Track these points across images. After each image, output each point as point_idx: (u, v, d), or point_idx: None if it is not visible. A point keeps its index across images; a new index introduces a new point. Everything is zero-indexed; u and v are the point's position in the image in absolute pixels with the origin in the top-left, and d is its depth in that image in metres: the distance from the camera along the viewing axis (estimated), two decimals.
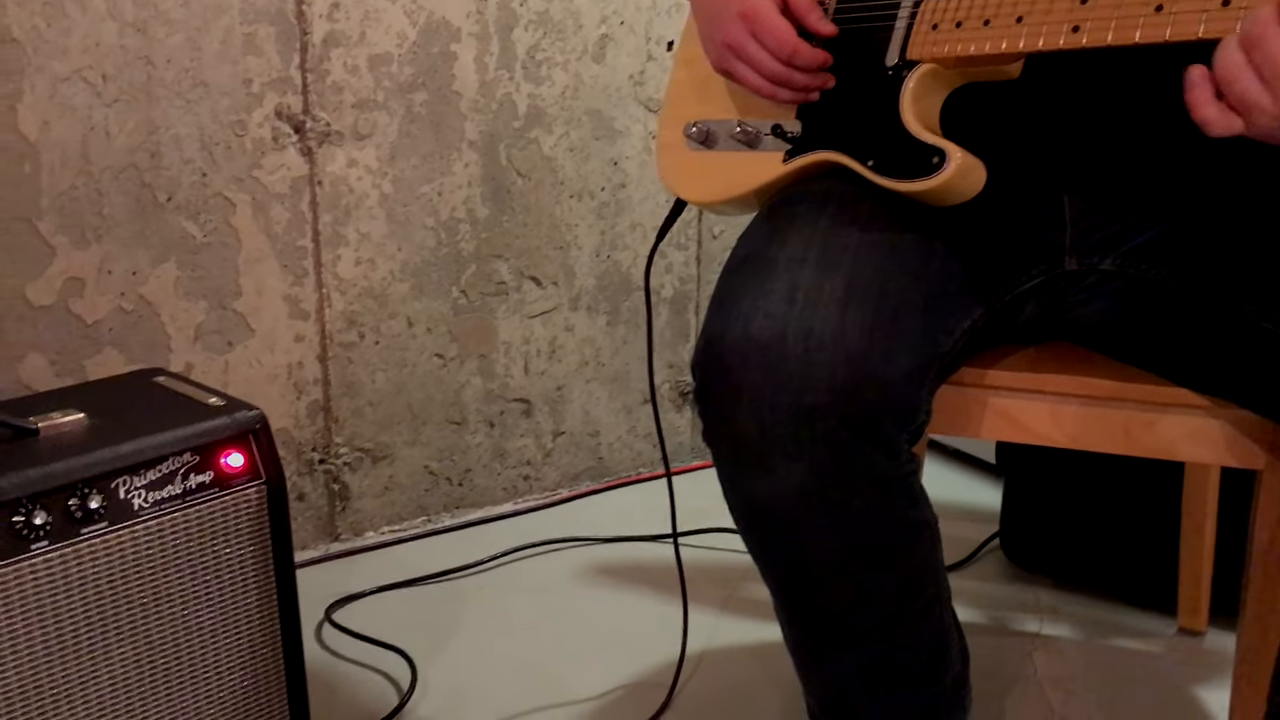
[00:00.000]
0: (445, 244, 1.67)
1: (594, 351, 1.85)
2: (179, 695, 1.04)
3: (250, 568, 1.07)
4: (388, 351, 1.67)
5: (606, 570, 1.64)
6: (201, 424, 1.04)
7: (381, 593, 1.57)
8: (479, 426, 1.77)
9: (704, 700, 1.34)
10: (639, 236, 1.83)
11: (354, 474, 1.69)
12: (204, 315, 1.52)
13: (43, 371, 1.42)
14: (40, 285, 1.40)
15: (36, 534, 0.93)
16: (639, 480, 1.93)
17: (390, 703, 1.33)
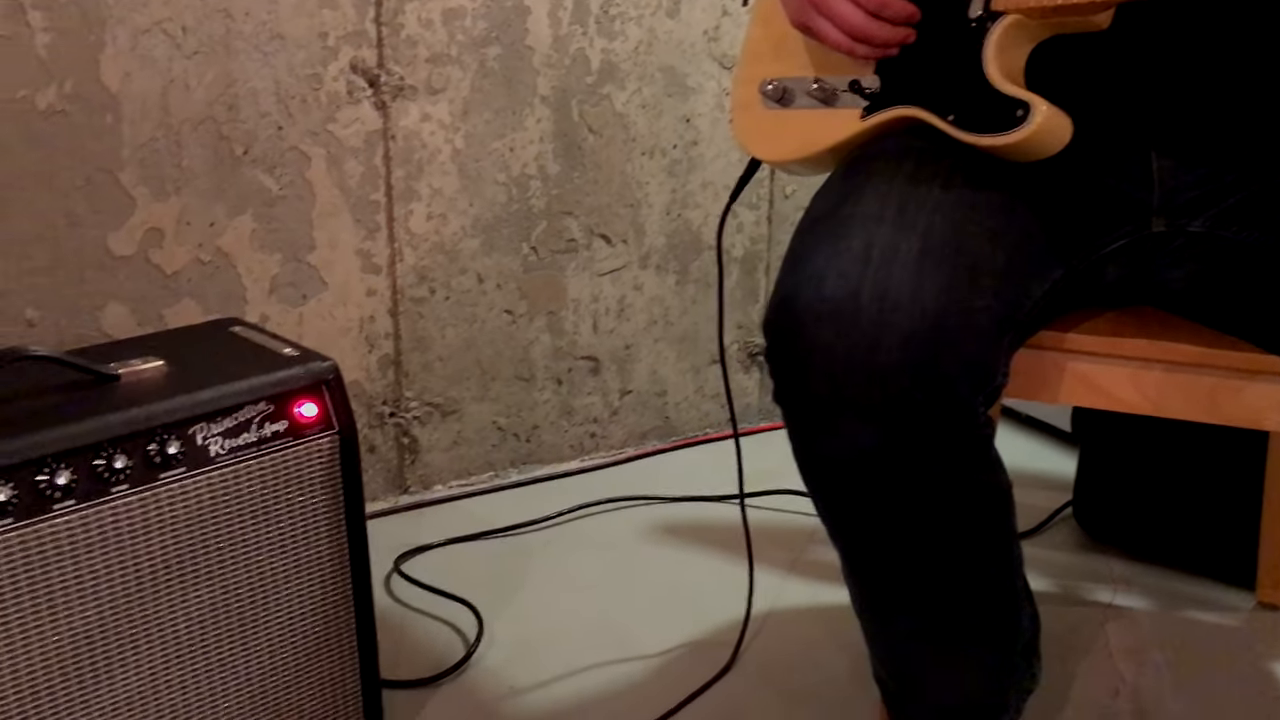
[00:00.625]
0: (516, 200, 1.67)
1: (663, 311, 1.84)
2: (253, 638, 1.06)
3: (322, 516, 1.09)
4: (458, 307, 1.68)
5: (672, 529, 1.65)
6: (276, 373, 1.05)
7: (449, 545, 1.59)
8: (547, 383, 1.78)
9: (768, 660, 1.34)
10: (710, 195, 1.81)
11: (423, 428, 1.71)
12: (279, 268, 1.53)
13: (123, 320, 1.45)
14: (121, 236, 1.42)
15: (117, 478, 0.95)
16: (705, 440, 1.93)
17: (457, 653, 1.35)
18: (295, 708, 1.10)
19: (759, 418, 1.98)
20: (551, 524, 1.65)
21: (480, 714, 1.25)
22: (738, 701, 1.27)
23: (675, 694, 1.26)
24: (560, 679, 1.31)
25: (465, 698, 1.28)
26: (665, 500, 1.72)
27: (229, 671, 1.05)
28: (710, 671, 1.31)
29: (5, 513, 0.89)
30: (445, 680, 1.30)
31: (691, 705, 1.26)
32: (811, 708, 1.25)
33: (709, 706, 1.26)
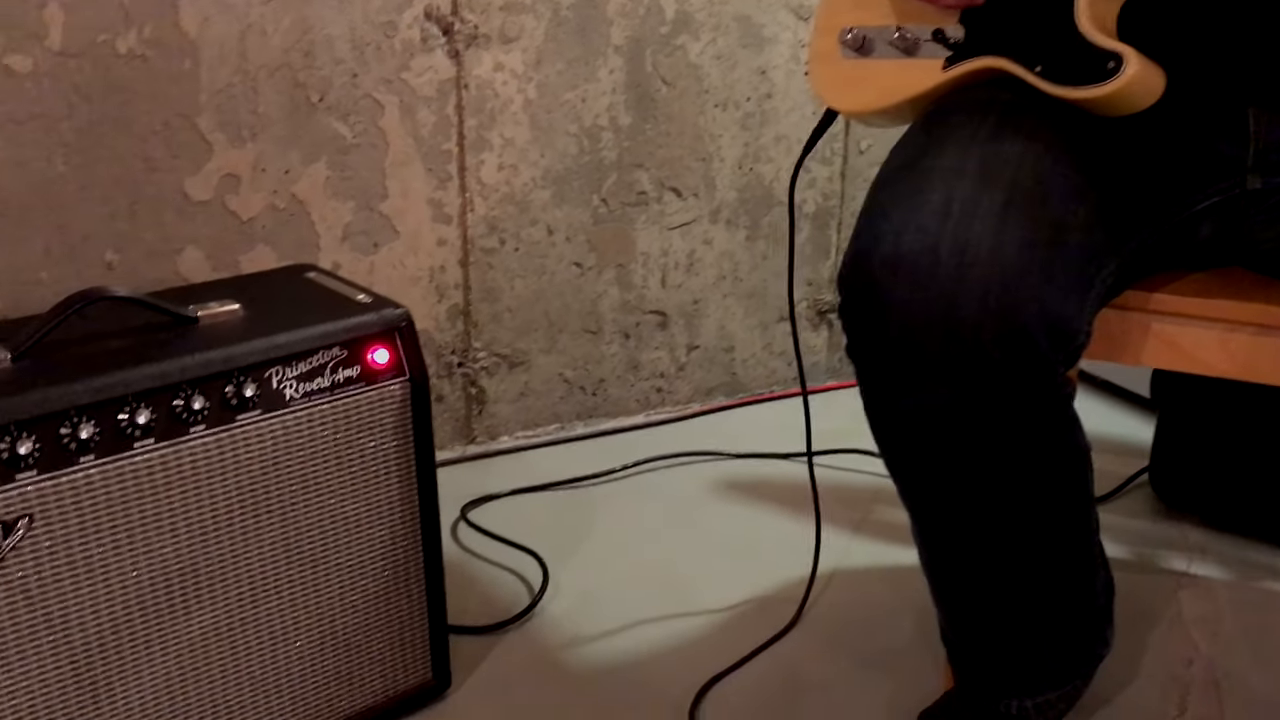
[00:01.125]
0: (587, 152, 1.66)
1: (732, 266, 1.82)
2: (324, 580, 1.07)
3: (393, 462, 1.10)
4: (527, 258, 1.68)
5: (737, 485, 1.64)
6: (350, 319, 1.06)
7: (515, 496, 1.60)
8: (614, 337, 1.78)
9: (833, 618, 1.33)
10: (783, 149, 1.79)
11: (491, 379, 1.71)
12: (351, 216, 1.54)
13: (199, 265, 1.47)
14: (199, 181, 1.44)
15: (195, 418, 0.96)
16: (771, 398, 1.92)
17: (521, 601, 1.36)
18: (364, 649, 1.12)
19: (826, 376, 1.96)
20: (617, 477, 1.66)
21: (544, 662, 1.26)
22: (801, 659, 1.27)
23: (738, 649, 1.27)
24: (623, 630, 1.31)
25: (529, 645, 1.29)
26: (731, 456, 1.71)
27: (300, 611, 1.07)
28: (774, 628, 1.31)
29: (87, 449, 0.91)
30: (510, 627, 1.31)
31: (755, 661, 1.26)
32: (876, 667, 1.25)
33: (772, 663, 1.26)
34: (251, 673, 1.05)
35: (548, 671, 1.25)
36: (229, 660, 1.03)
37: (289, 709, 1.08)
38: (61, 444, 0.90)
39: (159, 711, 0.99)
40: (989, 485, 0.92)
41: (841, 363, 1.96)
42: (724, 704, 1.19)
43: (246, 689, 1.05)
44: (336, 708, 1.11)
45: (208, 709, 1.02)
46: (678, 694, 1.20)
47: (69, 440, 0.90)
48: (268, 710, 1.06)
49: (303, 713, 1.09)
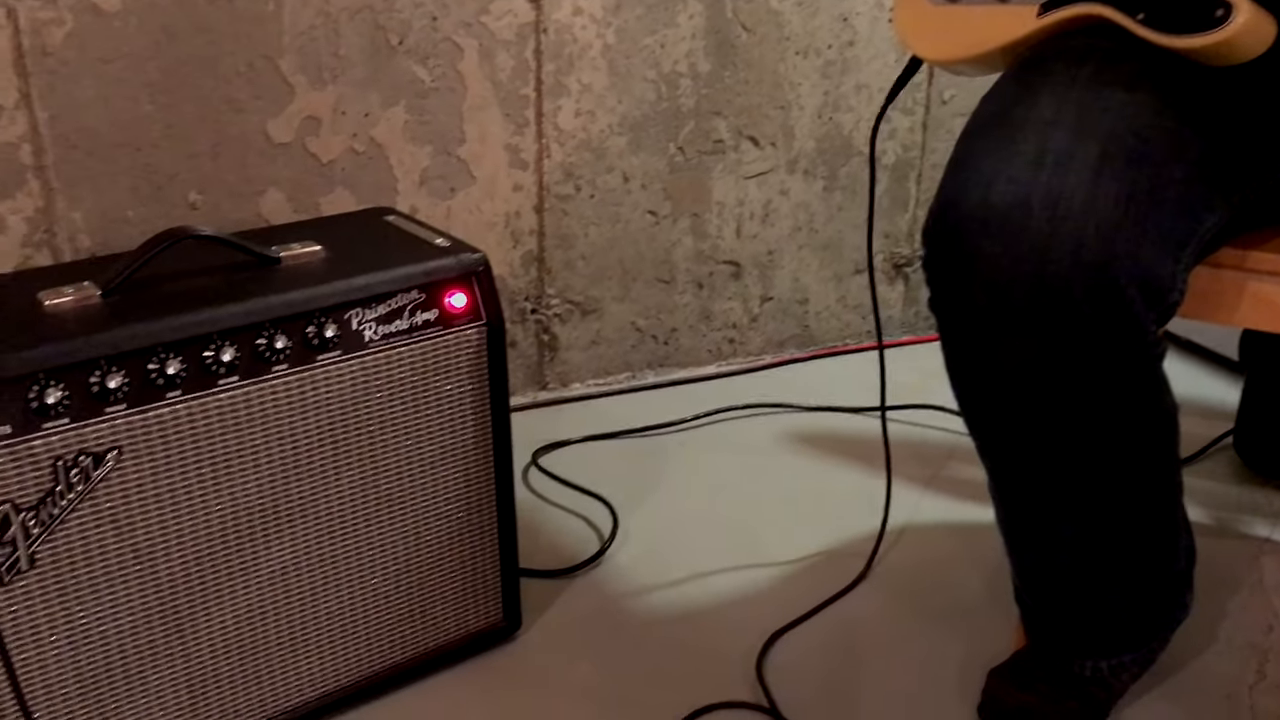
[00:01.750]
0: (665, 99, 1.65)
1: (808, 217, 1.80)
2: (399, 520, 1.09)
3: (468, 405, 1.11)
4: (602, 206, 1.67)
5: (807, 438, 1.63)
6: (428, 263, 1.06)
7: (586, 443, 1.61)
8: (687, 286, 1.77)
9: (903, 573, 1.33)
10: (864, 99, 1.75)
11: (563, 325, 1.72)
12: (429, 160, 1.55)
13: (280, 207, 1.48)
14: (280, 123, 1.45)
15: (277, 357, 0.98)
16: (844, 351, 1.90)
17: (591, 547, 1.37)
18: (437, 590, 1.14)
19: (900, 331, 1.94)
20: (687, 427, 1.66)
21: (612, 608, 1.27)
22: (870, 613, 1.26)
23: (806, 602, 1.26)
24: (691, 579, 1.32)
25: (598, 591, 1.30)
26: (802, 409, 1.70)
27: (376, 550, 1.08)
28: (842, 582, 1.30)
29: (174, 385, 0.93)
30: (580, 573, 1.33)
31: (823, 613, 1.26)
32: (945, 624, 1.24)
33: (840, 616, 1.26)
34: (328, 608, 1.07)
35: (616, 617, 1.26)
36: (306, 596, 1.05)
37: (363, 645, 1.10)
38: (149, 379, 0.92)
39: (239, 643, 1.02)
40: (1072, 444, 0.90)
41: (916, 317, 1.93)
42: (791, 656, 1.19)
43: (323, 624, 1.07)
44: (410, 645, 1.13)
45: (285, 643, 1.05)
46: (745, 645, 1.20)
47: (157, 376, 0.92)
48: (343, 646, 1.09)
49: (377, 649, 1.11)
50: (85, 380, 0.89)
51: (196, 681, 1.00)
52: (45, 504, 0.89)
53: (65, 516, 0.90)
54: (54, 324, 0.91)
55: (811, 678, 1.16)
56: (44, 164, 1.36)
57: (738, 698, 1.13)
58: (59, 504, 0.89)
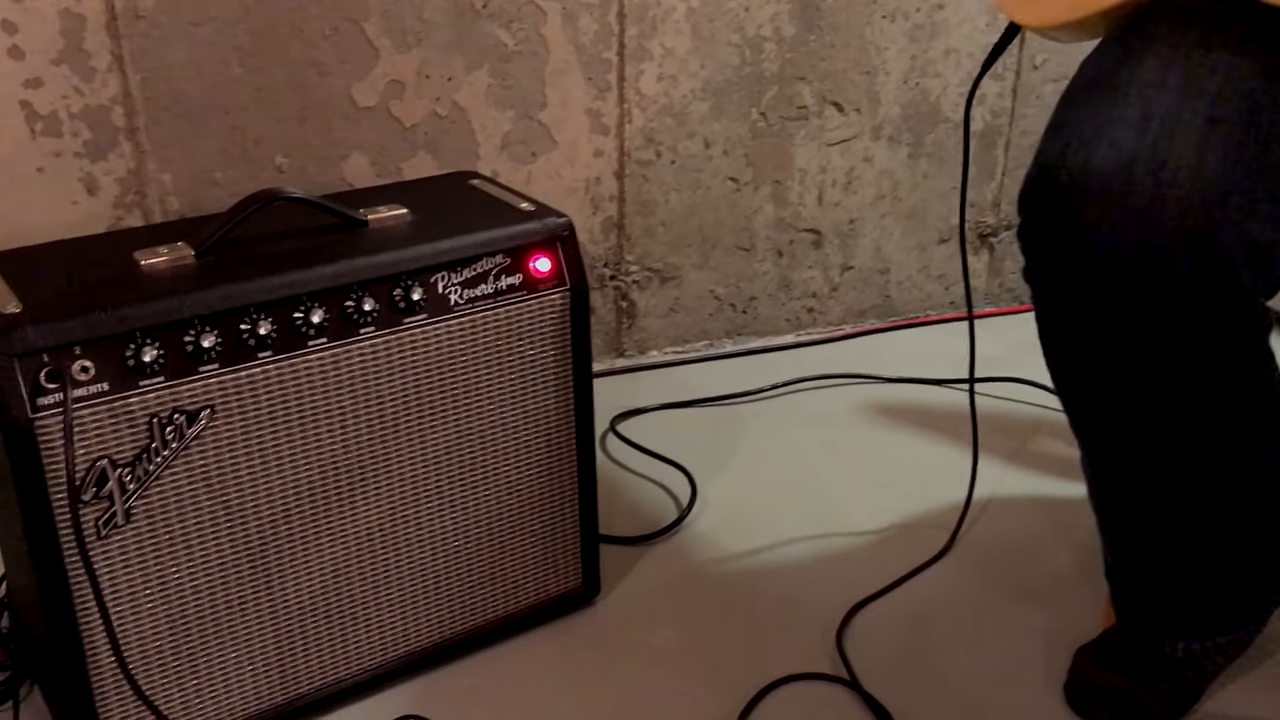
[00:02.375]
0: (749, 63, 1.62)
1: (891, 185, 1.77)
2: (482, 483, 1.10)
3: (551, 370, 1.11)
4: (683, 172, 1.66)
5: (888, 410, 1.61)
6: (514, 227, 1.06)
7: (663, 410, 1.60)
8: (767, 255, 1.75)
9: (987, 548, 1.31)
10: (952, 64, 1.71)
11: (642, 292, 1.71)
12: (511, 125, 1.54)
13: (363, 170, 1.49)
14: (365, 87, 1.45)
15: (365, 319, 0.98)
16: (925, 322, 1.87)
17: (669, 514, 1.37)
18: (518, 553, 1.14)
19: (984, 302, 1.90)
20: (766, 396, 1.64)
21: (691, 575, 1.27)
22: (953, 587, 1.25)
23: (888, 574, 1.25)
24: (771, 549, 1.31)
25: (677, 558, 1.30)
26: (884, 380, 1.68)
27: (459, 513, 1.09)
28: (925, 555, 1.29)
29: (265, 345, 0.94)
30: (658, 540, 1.32)
31: (905, 586, 1.24)
32: (1031, 601, 1.22)
33: (922, 589, 1.24)
34: (411, 569, 1.08)
35: (695, 585, 1.25)
36: (390, 556, 1.06)
37: (444, 607, 1.11)
38: (241, 339, 0.93)
39: (325, 601, 1.04)
40: (1172, 418, 0.87)
41: (1000, 288, 1.90)
42: (872, 628, 1.18)
43: (407, 585, 1.08)
44: (490, 608, 1.14)
45: (370, 602, 1.06)
46: (825, 615, 1.19)
47: (248, 336, 0.93)
48: (425, 607, 1.10)
49: (458, 611, 1.12)
50: (180, 339, 0.90)
51: (284, 637, 1.02)
52: (141, 460, 0.90)
53: (160, 473, 0.92)
54: (150, 283, 0.92)
55: (893, 651, 1.15)
56: (136, 126, 1.38)
57: (818, 669, 1.12)
58: (154, 460, 0.91)
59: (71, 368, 0.86)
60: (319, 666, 1.05)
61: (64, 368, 0.86)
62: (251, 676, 1.02)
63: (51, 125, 1.36)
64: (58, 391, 0.86)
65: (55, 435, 0.86)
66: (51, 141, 1.36)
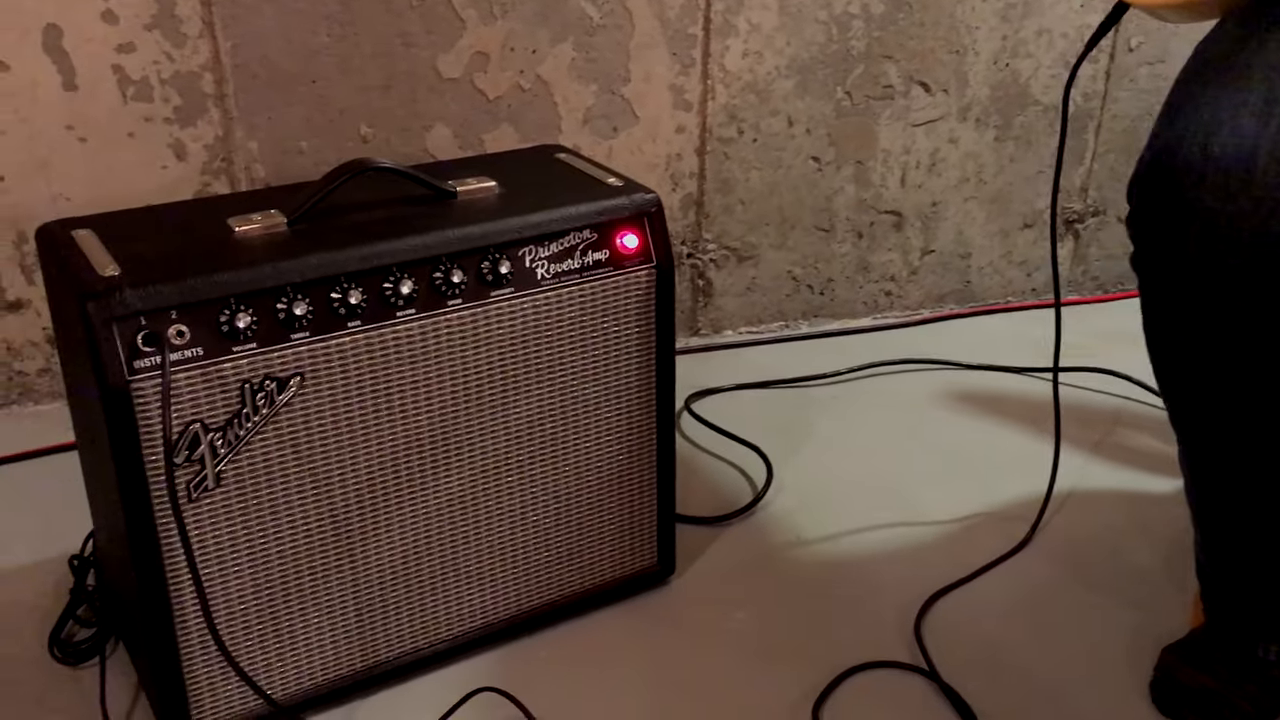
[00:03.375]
0: (835, 41, 1.60)
1: (976, 168, 1.74)
2: (562, 459, 1.09)
3: (634, 348, 1.10)
4: (764, 150, 1.64)
5: (967, 396, 1.59)
6: (602, 202, 1.05)
7: (738, 390, 1.59)
8: (846, 236, 1.73)
9: (1068, 541, 1.28)
10: (1044, 44, 1.67)
11: (719, 271, 1.70)
12: (593, 99, 1.53)
13: (446, 142, 1.49)
14: (450, 58, 1.45)
15: (453, 291, 0.98)
16: (1004, 309, 1.84)
17: (743, 496, 1.36)
18: (595, 530, 1.14)
19: (1067, 290, 1.86)
20: (842, 379, 1.62)
21: (766, 558, 1.26)
22: (1034, 579, 1.22)
23: (967, 563, 1.23)
24: (848, 534, 1.30)
25: (751, 540, 1.29)
26: (962, 366, 1.65)
27: (538, 488, 1.09)
28: (1005, 546, 1.26)
29: (355, 315, 0.94)
30: (733, 521, 1.31)
31: (984, 577, 1.22)
32: (1114, 596, 1.19)
33: (1003, 580, 1.22)
34: (490, 542, 1.08)
35: (770, 567, 1.24)
36: (470, 529, 1.06)
37: (522, 581, 1.11)
38: (332, 308, 0.93)
39: (405, 571, 1.04)
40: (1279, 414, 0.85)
41: (1084, 276, 1.85)
42: (950, 619, 1.16)
43: (485, 558, 1.08)
44: (566, 583, 1.14)
45: (449, 573, 1.06)
46: (903, 603, 1.18)
47: (339, 305, 0.93)
48: (502, 580, 1.10)
49: (534, 585, 1.12)
50: (273, 306, 0.91)
51: (364, 605, 1.03)
52: (232, 425, 0.91)
53: (249, 439, 0.92)
54: (245, 250, 0.93)
55: (971, 642, 1.13)
56: (225, 93, 1.39)
57: (895, 657, 1.11)
58: (244, 426, 0.92)
59: (168, 332, 0.87)
60: (397, 635, 1.06)
61: (161, 332, 0.87)
62: (332, 642, 1.02)
63: (143, 90, 1.37)
64: (154, 355, 0.87)
65: (150, 398, 0.87)
66: (142, 106, 1.38)
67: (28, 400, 1.50)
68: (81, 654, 1.09)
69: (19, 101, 1.35)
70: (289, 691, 1.02)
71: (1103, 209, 1.80)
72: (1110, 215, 1.81)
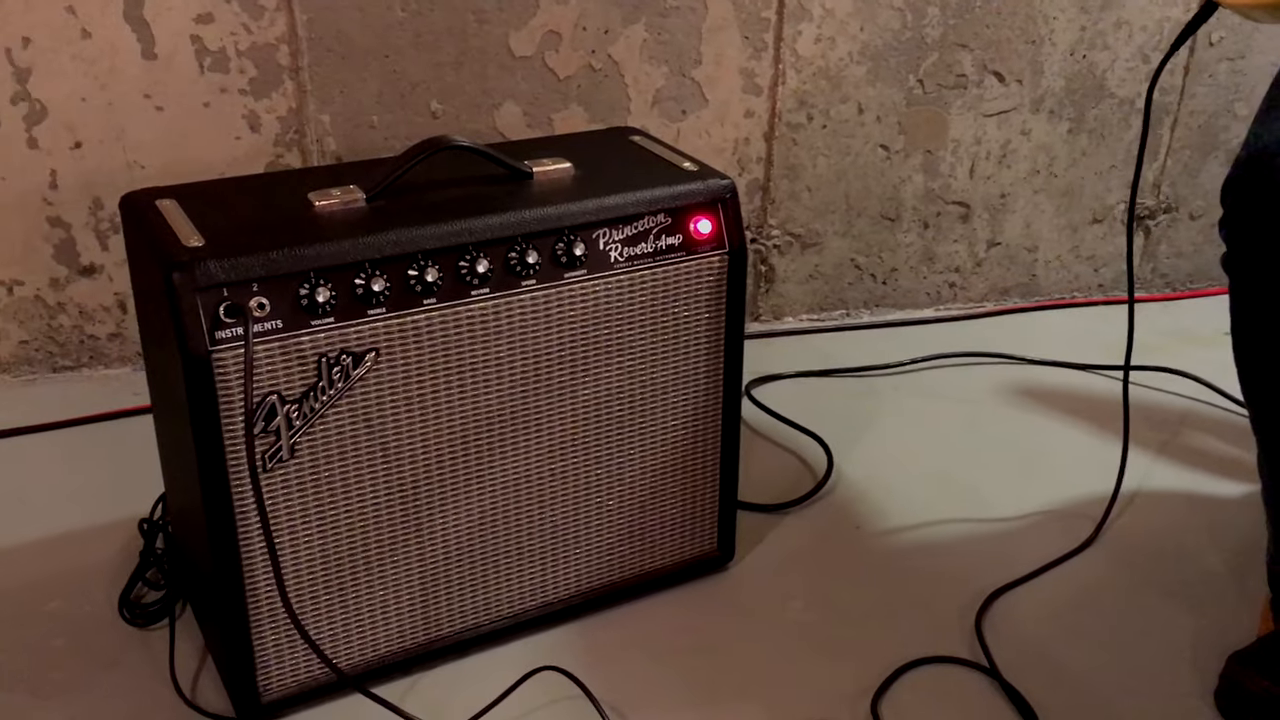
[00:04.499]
0: (910, 28, 1.58)
1: (1048, 160, 1.71)
2: (628, 442, 1.09)
3: (703, 333, 1.10)
4: (833, 137, 1.62)
5: (1030, 392, 1.57)
6: (677, 187, 1.05)
7: (799, 378, 1.58)
8: (912, 226, 1.71)
9: (1134, 542, 1.26)
10: (1123, 37, 1.64)
11: (782, 257, 1.69)
12: (663, 81, 1.53)
13: (515, 120, 1.49)
14: (523, 36, 1.45)
15: (527, 272, 0.98)
16: (1070, 304, 1.81)
17: (803, 484, 1.35)
18: (657, 513, 1.14)
19: (1136, 287, 1.83)
20: (904, 370, 1.61)
21: (826, 547, 1.25)
22: (1098, 579, 1.21)
23: (1029, 561, 1.22)
24: (908, 527, 1.29)
25: (812, 528, 1.28)
26: (1027, 361, 1.63)
27: (603, 469, 1.09)
28: (1069, 544, 1.25)
29: (431, 292, 0.94)
30: (793, 509, 1.31)
31: (1046, 575, 1.21)
32: (1180, 599, 1.18)
33: (1066, 580, 1.21)
34: (554, 522, 1.08)
35: (829, 557, 1.24)
36: (534, 508, 1.07)
37: (583, 561, 1.12)
38: (409, 285, 0.94)
39: (470, 548, 1.05)
40: None
41: (1153, 274, 1.83)
42: (1012, 616, 1.15)
43: (548, 537, 1.09)
44: (626, 565, 1.14)
45: (512, 551, 1.07)
46: (963, 599, 1.17)
47: (415, 282, 0.94)
48: (564, 560, 1.10)
49: (595, 566, 1.12)
50: (351, 282, 0.91)
51: (429, 579, 1.04)
52: (308, 398, 0.92)
53: (324, 411, 0.93)
54: (324, 225, 0.94)
55: (1033, 641, 1.12)
56: (299, 65, 1.40)
57: (954, 653, 1.10)
58: (320, 399, 0.92)
59: (249, 304, 0.88)
60: (459, 610, 1.07)
61: (242, 303, 0.88)
62: (396, 614, 1.03)
63: (219, 61, 1.38)
64: (235, 326, 0.88)
65: (229, 368, 0.88)
66: (219, 77, 1.39)
67: (98, 364, 1.52)
68: (150, 616, 1.11)
69: (99, 69, 1.36)
70: (353, 661, 1.03)
71: (1175, 206, 1.77)
72: (1182, 213, 1.78)
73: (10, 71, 1.34)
